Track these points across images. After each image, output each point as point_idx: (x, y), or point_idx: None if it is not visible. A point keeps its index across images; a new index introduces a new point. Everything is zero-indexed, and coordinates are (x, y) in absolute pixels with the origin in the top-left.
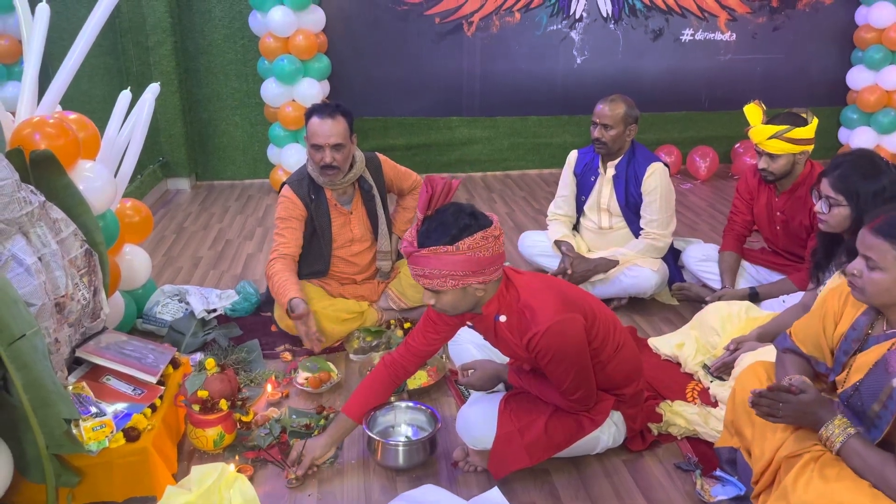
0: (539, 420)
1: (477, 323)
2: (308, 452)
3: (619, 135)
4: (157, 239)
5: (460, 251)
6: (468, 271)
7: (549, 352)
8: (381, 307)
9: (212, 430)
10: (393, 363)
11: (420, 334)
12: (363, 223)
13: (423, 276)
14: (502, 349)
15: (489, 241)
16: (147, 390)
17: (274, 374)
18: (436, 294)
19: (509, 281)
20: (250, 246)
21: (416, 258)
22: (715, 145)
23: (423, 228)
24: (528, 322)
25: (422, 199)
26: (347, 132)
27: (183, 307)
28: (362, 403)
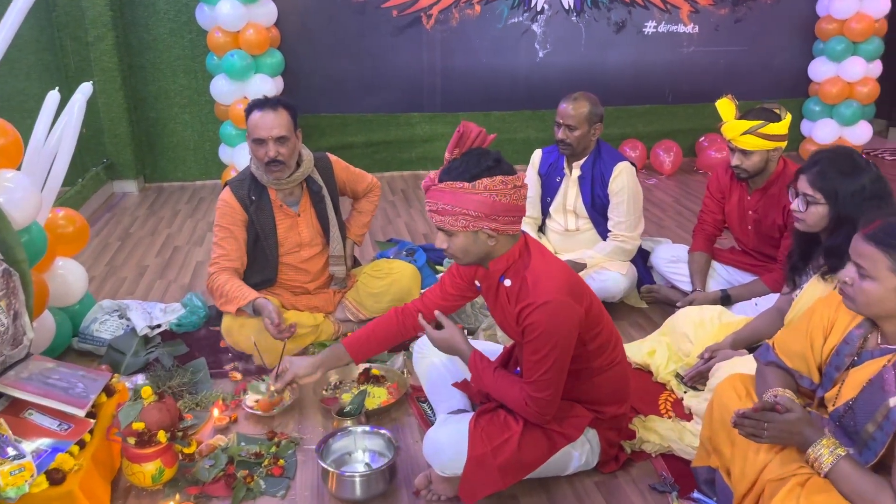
0: (512, 438)
1: (483, 280)
2: (292, 369)
3: (583, 135)
4: (101, 247)
5: (477, 190)
6: (481, 213)
7: (538, 327)
8: (338, 319)
9: (150, 465)
10: (404, 312)
11: (438, 287)
12: (312, 226)
13: (437, 211)
14: (497, 317)
15: (508, 187)
16: (74, 424)
17: (221, 396)
18: (448, 236)
19: (526, 248)
20: (200, 252)
21: (434, 192)
22: (679, 139)
23: (447, 166)
24: (528, 290)
25: (452, 140)
26: (291, 125)
27: (124, 324)
28: (363, 342)
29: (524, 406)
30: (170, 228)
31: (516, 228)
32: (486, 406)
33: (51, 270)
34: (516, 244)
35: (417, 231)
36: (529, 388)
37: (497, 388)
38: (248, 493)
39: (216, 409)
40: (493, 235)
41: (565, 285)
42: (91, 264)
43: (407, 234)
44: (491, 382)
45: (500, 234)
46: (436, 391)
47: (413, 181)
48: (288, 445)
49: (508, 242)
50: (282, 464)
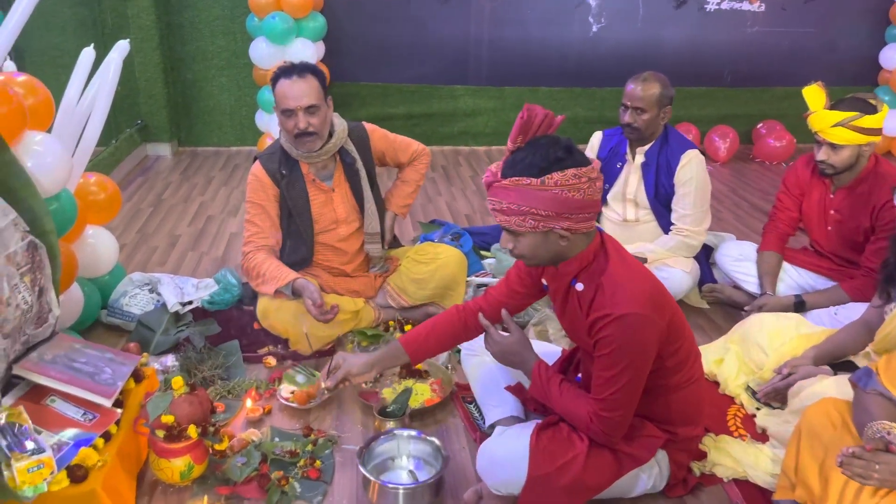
0: (577, 459)
1: (551, 281)
2: (344, 366)
3: (652, 119)
4: (132, 213)
5: (546, 186)
6: (552, 212)
7: (613, 342)
8: (379, 304)
9: (179, 461)
10: (466, 309)
11: (503, 284)
12: (348, 201)
13: (501, 211)
14: (565, 323)
15: (582, 181)
16: (100, 415)
17: (255, 384)
18: (514, 236)
19: (603, 248)
20: (234, 223)
21: (496, 189)
22: (736, 125)
23: (511, 158)
24: (605, 300)
25: (515, 127)
26: (321, 92)
27: (154, 298)
28: (422, 341)
29: (590, 424)
30: (203, 196)
31: (591, 225)
32: (548, 420)
33: (80, 240)
34: (591, 243)
35: (459, 211)
36: (598, 406)
37: (562, 404)
38: (283, 498)
39: (249, 400)
40: (566, 235)
41: (647, 295)
42: (122, 231)
43: (448, 215)
44: (557, 397)
45: (574, 234)
46: (486, 393)
47: (454, 157)
48: (325, 444)
49: (582, 242)
50: (318, 465)
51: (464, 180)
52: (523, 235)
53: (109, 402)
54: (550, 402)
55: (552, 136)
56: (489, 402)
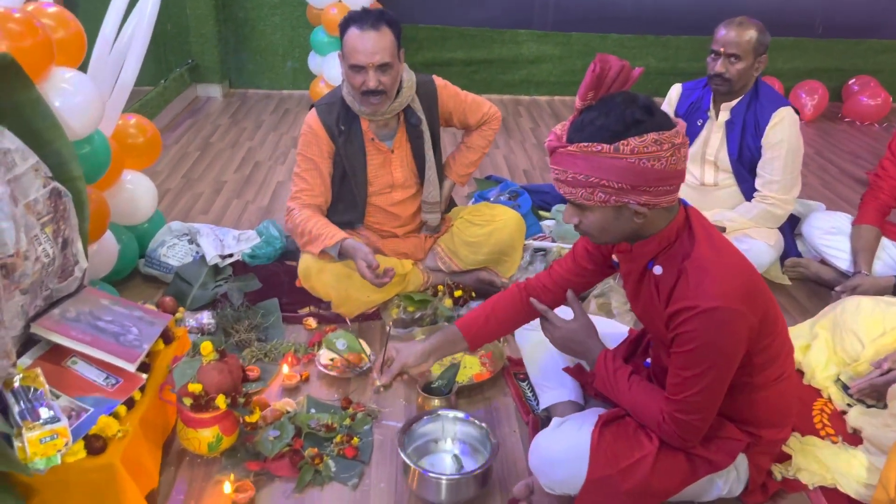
0: (644, 461)
1: (623, 260)
2: (399, 359)
3: (746, 69)
4: (179, 156)
5: (621, 154)
6: (627, 184)
7: (696, 339)
8: (428, 267)
9: (207, 432)
10: (529, 287)
11: (569, 260)
12: (407, 165)
13: (565, 182)
14: (638, 308)
15: (664, 148)
16: (124, 379)
17: (293, 347)
18: (580, 210)
19: (689, 226)
20: (282, 171)
21: (561, 156)
22: (825, 80)
23: (579, 119)
24: (689, 289)
25: (586, 82)
26: (395, 48)
27: (193, 250)
28: (481, 325)
29: (662, 425)
30: (251, 141)
31: (673, 199)
32: (612, 413)
33: (116, 186)
34: (673, 220)
35: (517, 166)
36: (673, 407)
37: (631, 401)
38: (316, 477)
39: (286, 365)
40: (642, 211)
41: (740, 286)
42: (167, 176)
43: (505, 170)
44: (625, 393)
45: (652, 209)
46: (542, 373)
47: (514, 107)
48: (364, 419)
49: (662, 218)
50: (356, 443)
51: (524, 132)
52: (591, 210)
53: (133, 367)
54: (617, 398)
55: (628, 94)
56: (545, 384)
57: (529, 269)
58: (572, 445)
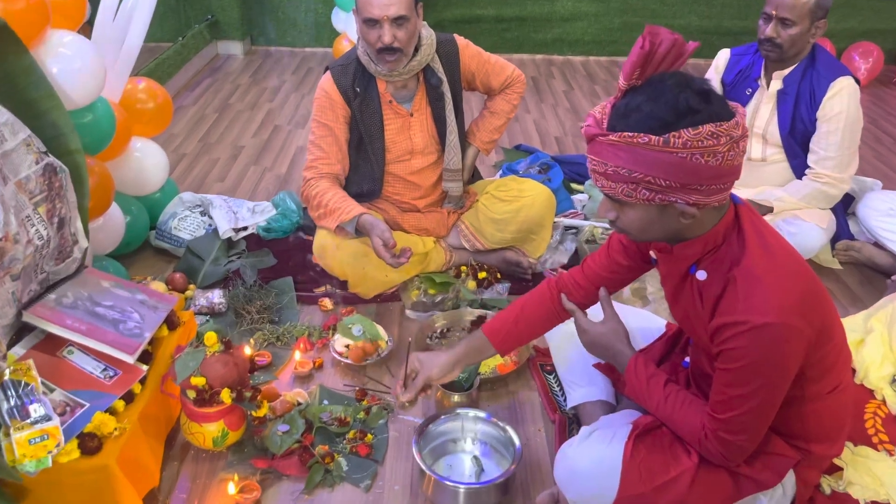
0: (681, 478)
1: (662, 260)
2: (423, 372)
3: (801, 34)
4: (197, 119)
5: (671, 148)
6: (676, 182)
7: (746, 356)
8: (451, 245)
9: (212, 426)
10: (560, 284)
11: (602, 253)
12: (427, 130)
13: (604, 175)
14: (678, 313)
15: (721, 142)
16: (122, 371)
17: (308, 330)
18: (618, 205)
19: (738, 225)
20: (301, 136)
21: (601, 146)
22: (882, 42)
23: (622, 103)
24: (738, 301)
25: (631, 59)
26: (412, 1)
27: (205, 223)
28: (510, 328)
29: (704, 442)
30: (272, 103)
31: (724, 198)
32: (647, 422)
33: (124, 155)
34: (722, 220)
35: (548, 133)
36: (716, 426)
37: (667, 414)
38: (327, 477)
39: (298, 352)
40: (689, 212)
41: (797, 297)
42: (184, 139)
43: (536, 137)
44: (660, 405)
45: (701, 209)
46: (570, 369)
47: (546, 68)
48: (379, 413)
49: (711, 217)
50: (370, 440)
51: (556, 95)
52: (631, 207)
53: (133, 359)
54: (651, 409)
55: (681, 75)
56: (573, 380)
57: (560, 248)
58: (603, 458)
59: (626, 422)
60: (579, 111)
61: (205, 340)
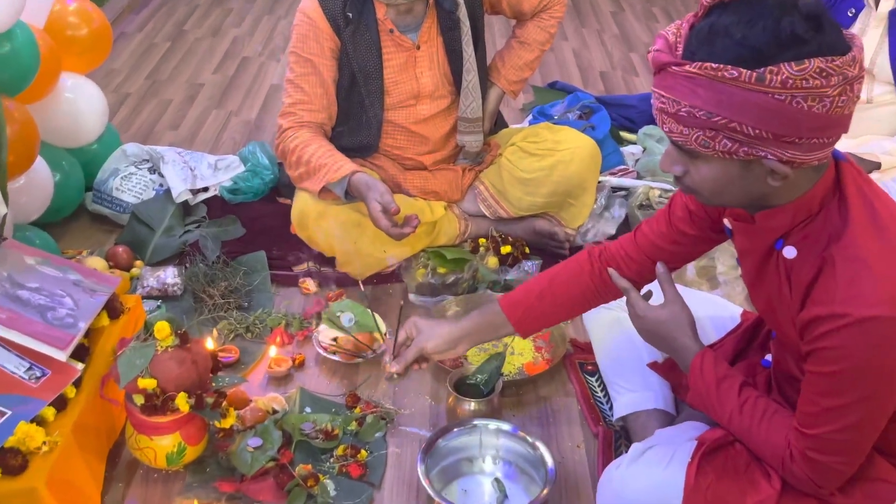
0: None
1: (739, 231)
2: (418, 341)
3: None
4: (143, 49)
5: (766, 87)
6: (767, 131)
7: (844, 360)
8: (467, 212)
9: (165, 440)
10: (605, 254)
11: (663, 219)
12: (438, 67)
13: (675, 116)
14: (759, 301)
15: (832, 83)
16: (52, 371)
17: (285, 319)
18: (688, 157)
19: (840, 189)
20: (276, 70)
21: (672, 79)
22: None
23: (706, 24)
24: (837, 288)
25: None
26: None
27: (155, 182)
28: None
29: (788, 464)
30: (238, 29)
31: (825, 156)
32: (715, 438)
33: (52, 96)
34: (819, 183)
35: (592, 67)
36: (806, 444)
37: (743, 428)
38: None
39: (273, 346)
40: (781, 171)
41: None
42: (127, 75)
43: (576, 72)
44: (733, 416)
45: (796, 169)
46: (618, 368)
47: None
48: (376, 424)
49: (806, 180)
50: (364, 458)
51: (602, 18)
52: (706, 161)
53: (65, 355)
54: (722, 421)
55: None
56: (621, 383)
57: (605, 216)
58: (659, 484)
59: (689, 437)
60: (631, 39)
61: (155, 332)
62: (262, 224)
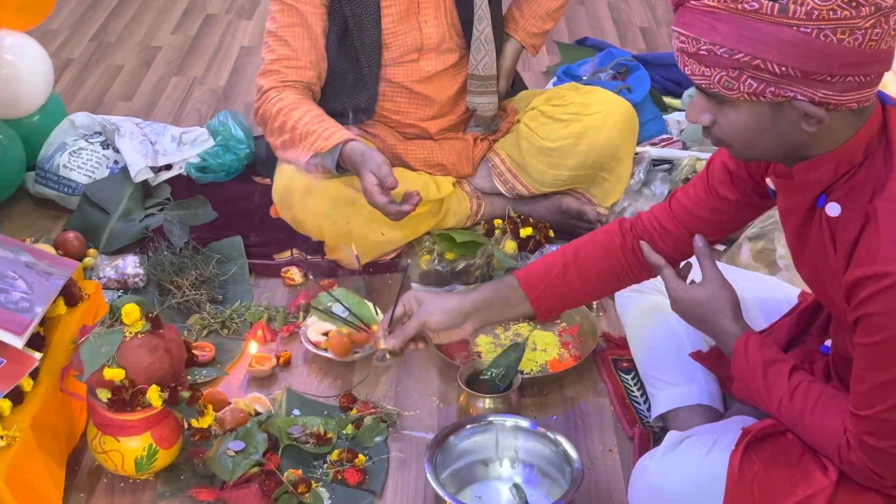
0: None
1: (781, 190)
2: (419, 314)
3: None
4: (86, 6)
5: (790, 18)
6: (795, 68)
7: (890, 326)
8: (479, 189)
9: (134, 442)
10: (637, 226)
11: (700, 184)
12: (445, 15)
13: (695, 56)
14: (804, 269)
15: (863, 13)
16: (6, 360)
17: (266, 313)
18: (715, 103)
19: (887, 137)
20: (248, 30)
21: (691, 14)
22: None
23: None
24: (881, 245)
25: None
26: None
27: (109, 158)
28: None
29: (845, 452)
30: None
31: (868, 96)
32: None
33: None
34: (863, 129)
35: (630, 23)
36: (861, 427)
37: (794, 414)
38: None
39: (254, 342)
40: (816, 114)
41: None
42: (69, 36)
43: (610, 29)
44: (783, 401)
45: (832, 112)
46: (656, 359)
47: None
48: (375, 427)
49: (847, 125)
50: (363, 463)
51: None
52: (733, 106)
53: (21, 342)
54: (771, 410)
55: None
56: (661, 377)
57: (644, 192)
58: (699, 474)
59: (734, 427)
60: None
61: (123, 316)
62: (237, 207)
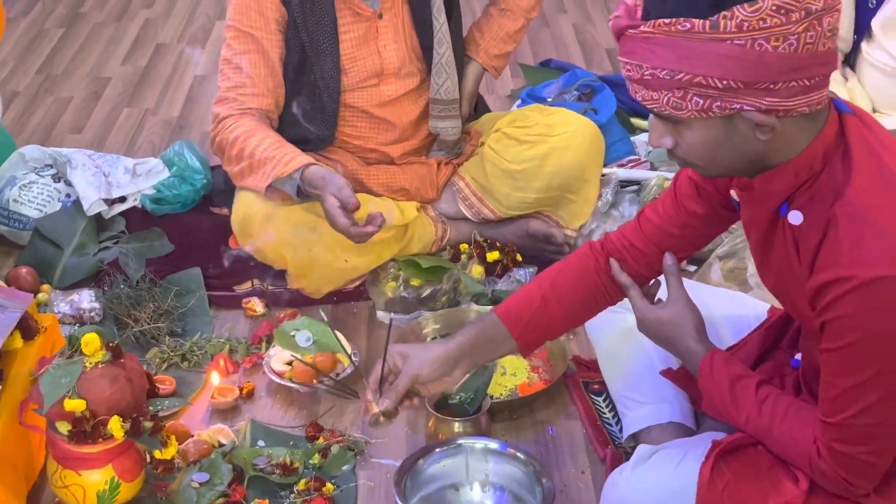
0: None
1: (744, 202)
2: (408, 369)
3: None
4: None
5: (722, 33)
6: (735, 80)
7: (856, 330)
8: (444, 214)
9: (96, 475)
10: (608, 245)
11: (668, 200)
12: (404, 39)
13: (641, 82)
14: (769, 279)
15: (793, 19)
16: None
17: (228, 345)
18: (672, 126)
19: (843, 144)
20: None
21: (632, 43)
22: None
23: None
24: (842, 249)
25: None
26: None
27: (61, 191)
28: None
29: (816, 461)
30: (149, 10)
31: (817, 100)
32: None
33: None
34: (820, 136)
35: (597, 45)
36: (830, 435)
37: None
38: None
39: (216, 374)
40: (766, 123)
41: None
42: (14, 68)
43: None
44: (751, 414)
45: (783, 118)
46: (627, 378)
47: None
48: (343, 455)
49: (802, 132)
50: (330, 492)
51: None
52: (688, 126)
53: None
54: (740, 424)
55: None
56: (634, 396)
57: (612, 214)
58: (669, 486)
59: (705, 442)
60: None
61: (83, 346)
62: (195, 239)
